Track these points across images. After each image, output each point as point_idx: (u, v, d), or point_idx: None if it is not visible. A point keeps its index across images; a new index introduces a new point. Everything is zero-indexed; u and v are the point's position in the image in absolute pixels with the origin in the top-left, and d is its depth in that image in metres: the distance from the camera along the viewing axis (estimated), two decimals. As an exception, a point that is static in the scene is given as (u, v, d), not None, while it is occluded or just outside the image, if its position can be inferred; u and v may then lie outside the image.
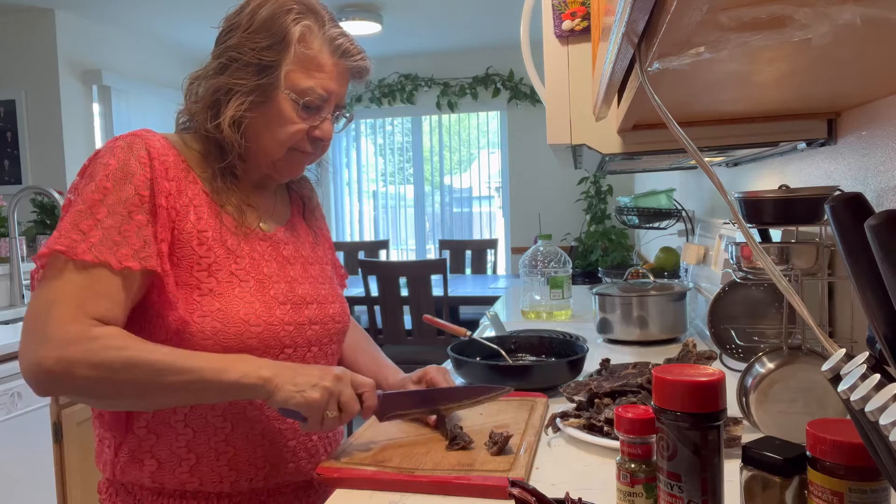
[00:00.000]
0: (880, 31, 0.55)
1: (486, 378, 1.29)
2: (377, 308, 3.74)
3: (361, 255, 4.68)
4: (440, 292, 3.64)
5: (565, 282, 2.16)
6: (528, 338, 1.53)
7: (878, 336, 0.44)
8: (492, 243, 5.09)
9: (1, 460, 2.07)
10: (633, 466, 0.70)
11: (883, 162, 0.97)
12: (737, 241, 1.06)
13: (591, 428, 1.00)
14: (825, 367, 0.49)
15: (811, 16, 0.46)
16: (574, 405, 1.08)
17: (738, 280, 1.10)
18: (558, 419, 1.03)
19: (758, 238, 1.03)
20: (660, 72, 0.60)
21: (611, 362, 1.25)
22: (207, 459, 0.94)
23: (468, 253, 5.05)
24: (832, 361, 0.48)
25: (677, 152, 1.30)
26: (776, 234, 1.13)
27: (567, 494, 0.69)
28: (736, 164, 1.83)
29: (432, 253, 5.60)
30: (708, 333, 1.36)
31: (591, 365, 1.31)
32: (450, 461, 0.91)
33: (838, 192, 0.51)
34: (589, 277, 3.39)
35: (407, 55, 5.30)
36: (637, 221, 2.45)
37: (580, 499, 0.68)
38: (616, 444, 0.76)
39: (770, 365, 0.94)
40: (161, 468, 0.94)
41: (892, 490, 0.53)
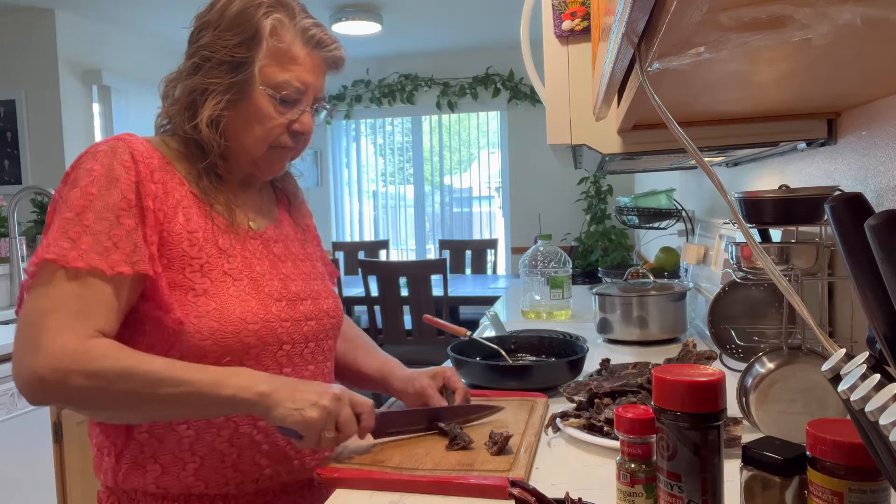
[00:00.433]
0: (880, 31, 0.55)
1: (487, 378, 1.29)
2: (377, 308, 3.74)
3: (361, 255, 4.68)
4: (440, 292, 3.64)
5: (565, 282, 2.16)
6: (528, 338, 1.53)
7: (878, 336, 0.44)
8: (492, 243, 5.09)
9: (1, 460, 2.07)
10: (633, 466, 0.70)
11: (883, 162, 0.97)
12: (737, 241, 1.06)
13: (591, 428, 1.00)
14: (825, 367, 0.49)
15: (811, 16, 0.46)
16: (574, 405, 1.08)
17: (738, 280, 1.10)
18: (558, 419, 1.03)
19: (758, 238, 1.03)
20: (660, 72, 0.60)
21: (611, 362, 1.25)
22: (212, 461, 0.93)
23: (468, 253, 5.05)
24: (832, 361, 0.48)
25: (677, 152, 1.30)
26: (776, 234, 1.13)
27: (567, 494, 0.69)
28: (736, 164, 1.83)
29: (432, 253, 5.60)
30: (708, 333, 1.36)
31: (591, 365, 1.31)
32: (450, 461, 0.91)
33: (838, 192, 0.51)
34: (589, 277, 3.39)
35: (407, 55, 5.30)
36: (637, 221, 2.45)
37: (580, 499, 0.68)
38: (616, 444, 0.76)
39: (770, 365, 0.94)
40: (165, 472, 0.93)
41: (893, 490, 0.53)
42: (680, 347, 1.26)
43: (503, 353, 1.41)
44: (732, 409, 0.86)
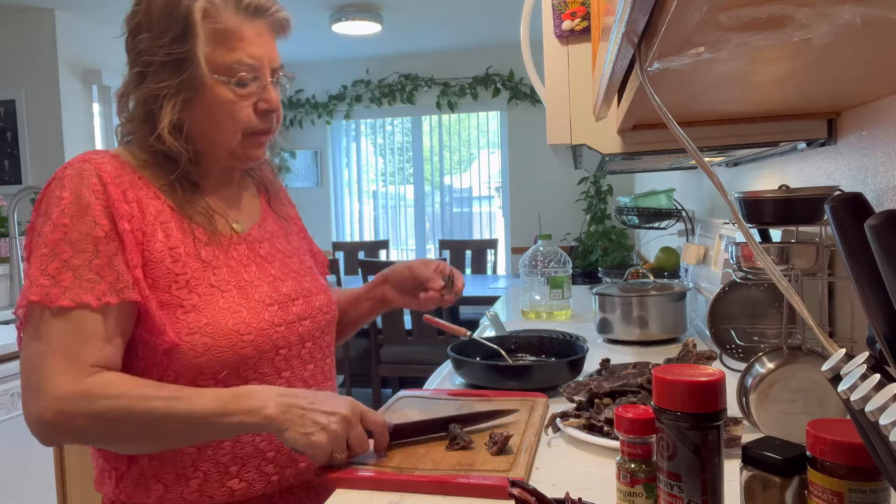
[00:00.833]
0: (880, 31, 0.55)
1: (487, 378, 1.29)
2: (377, 308, 3.73)
3: (361, 255, 4.68)
4: (440, 292, 3.64)
5: (565, 282, 2.16)
6: (528, 338, 1.53)
7: (878, 336, 0.44)
8: (492, 243, 5.09)
9: (1, 460, 2.07)
10: (633, 466, 0.70)
11: (883, 162, 0.97)
12: (737, 241, 1.06)
13: (591, 428, 1.00)
14: (825, 367, 0.49)
15: (811, 16, 0.46)
16: (574, 405, 1.08)
17: (738, 280, 1.09)
18: (558, 419, 1.03)
19: (758, 238, 1.03)
20: (660, 72, 0.60)
21: (611, 362, 1.25)
22: (216, 475, 0.91)
23: (468, 253, 5.05)
24: (832, 361, 0.48)
25: (677, 152, 1.30)
26: (776, 234, 1.13)
27: (567, 494, 0.69)
28: (736, 164, 1.83)
29: (432, 253, 5.60)
30: (708, 333, 1.36)
31: (591, 365, 1.31)
32: (450, 461, 0.91)
33: (838, 192, 0.51)
34: (589, 277, 3.39)
35: (407, 55, 5.30)
36: (637, 221, 2.45)
37: (580, 499, 0.68)
38: (616, 444, 0.76)
39: (770, 365, 0.94)
40: (168, 491, 0.90)
41: (893, 490, 0.53)
42: (680, 347, 1.26)
43: (503, 353, 1.41)
44: (732, 409, 0.86)
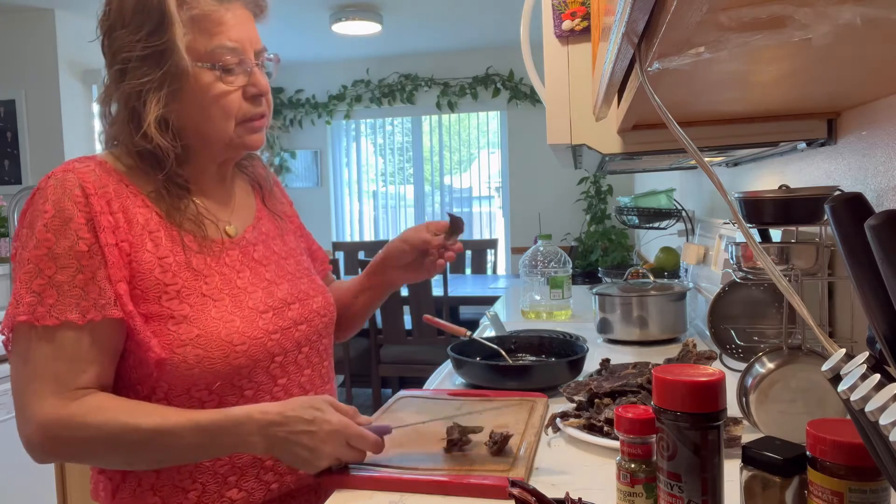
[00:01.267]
0: (880, 31, 0.55)
1: (487, 378, 1.29)
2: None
3: (361, 255, 4.67)
4: (440, 292, 3.64)
5: (565, 282, 2.16)
6: (528, 338, 1.53)
7: (878, 336, 0.44)
8: (492, 243, 5.09)
9: (1, 460, 2.07)
10: (633, 466, 0.70)
11: (883, 162, 0.97)
12: (737, 241, 1.06)
13: (591, 428, 1.00)
14: (825, 367, 0.49)
15: (811, 16, 0.46)
16: (574, 405, 1.08)
17: (738, 280, 1.09)
18: (558, 419, 1.03)
19: (758, 238, 1.03)
20: (660, 72, 0.60)
21: (611, 362, 1.25)
22: (214, 485, 0.90)
23: (468, 253, 5.05)
24: (832, 361, 0.48)
25: (677, 152, 1.30)
26: (776, 234, 1.13)
27: (567, 494, 0.69)
28: (736, 164, 1.83)
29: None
30: (708, 333, 1.36)
31: (591, 365, 1.31)
32: (450, 461, 0.91)
33: (838, 192, 0.51)
34: (589, 277, 3.39)
35: (407, 55, 5.30)
36: (637, 221, 2.45)
37: (580, 499, 0.68)
38: (616, 444, 0.76)
39: (770, 365, 0.94)
40: (166, 503, 0.89)
41: (893, 490, 0.53)
42: (680, 347, 1.26)
43: (503, 353, 1.41)
44: (732, 409, 0.86)
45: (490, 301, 3.31)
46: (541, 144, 3.82)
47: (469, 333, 1.44)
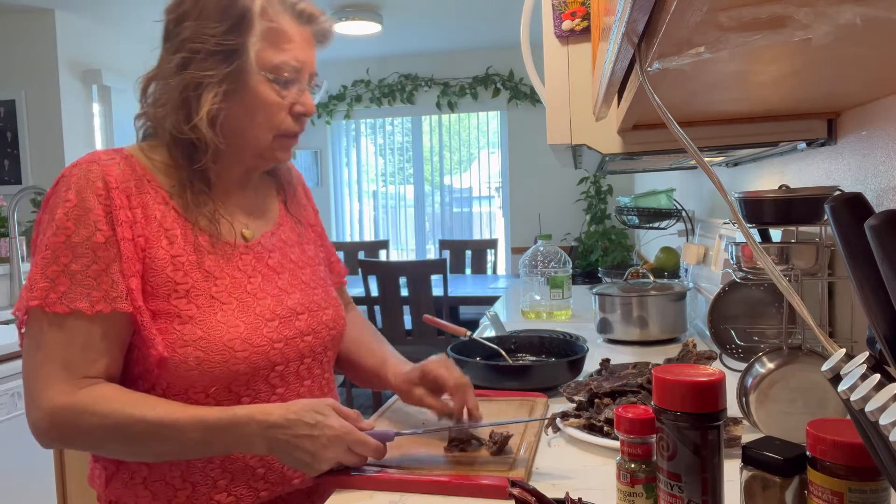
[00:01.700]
0: (880, 31, 0.55)
1: (487, 378, 1.29)
2: (377, 308, 3.74)
3: (361, 255, 4.68)
4: (440, 292, 3.64)
5: (565, 282, 2.16)
6: (528, 338, 1.52)
7: (878, 336, 0.44)
8: (492, 243, 5.09)
9: (1, 460, 2.07)
10: (633, 466, 0.70)
11: (883, 162, 0.97)
12: (737, 241, 1.06)
13: (591, 428, 1.00)
14: (825, 367, 0.49)
15: (811, 16, 0.46)
16: (574, 405, 1.08)
17: (738, 280, 1.09)
18: (558, 419, 1.03)
19: (758, 238, 1.03)
20: (660, 72, 0.60)
21: (611, 362, 1.25)
22: (204, 488, 0.90)
23: (468, 253, 5.05)
24: (832, 361, 0.48)
25: (677, 152, 1.30)
26: (776, 234, 1.13)
27: (567, 494, 0.69)
28: (736, 164, 1.83)
29: (432, 253, 5.60)
30: (708, 333, 1.36)
31: (591, 365, 1.31)
32: (450, 461, 0.91)
33: (838, 192, 0.51)
34: (589, 277, 3.39)
35: (407, 55, 5.30)
36: (637, 221, 2.45)
37: (580, 499, 0.68)
38: (616, 444, 0.76)
39: (770, 365, 0.94)
40: (156, 499, 0.90)
41: (893, 490, 0.53)
42: (680, 347, 1.26)
43: (503, 353, 1.41)
44: (732, 409, 0.86)
45: (490, 301, 3.31)
46: (541, 144, 3.82)
47: (469, 333, 1.44)
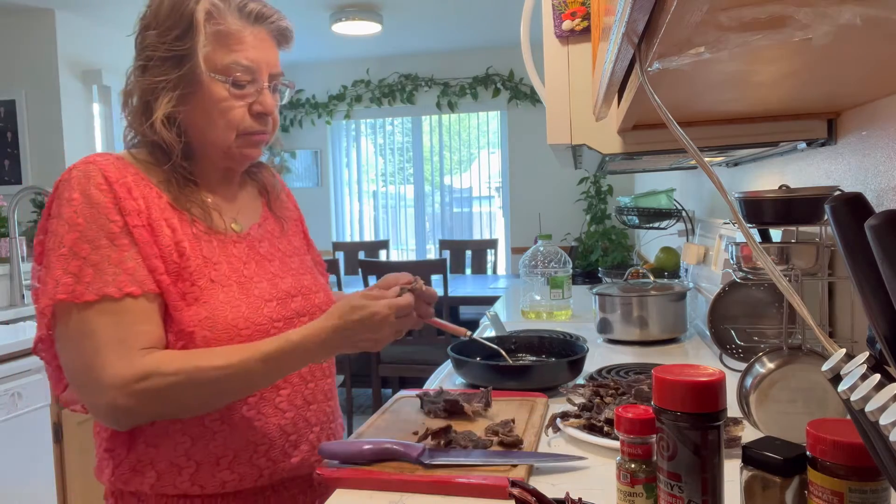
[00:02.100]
0: (880, 31, 0.55)
1: (487, 378, 1.29)
2: (377, 308, 3.73)
3: (361, 255, 4.68)
4: (440, 292, 3.64)
5: (565, 282, 2.16)
6: (528, 338, 1.53)
7: (878, 336, 0.44)
8: (492, 243, 5.09)
9: (1, 460, 2.07)
10: (633, 466, 0.70)
11: (883, 162, 0.97)
12: (737, 241, 1.06)
13: (591, 428, 1.00)
14: (825, 367, 0.49)
15: (811, 16, 0.46)
16: (574, 406, 1.08)
17: (738, 280, 1.09)
18: (558, 419, 1.03)
19: (758, 238, 1.03)
20: (660, 72, 0.60)
21: (610, 363, 1.25)
22: (208, 465, 0.93)
23: (468, 253, 5.05)
24: (832, 361, 0.48)
25: (677, 152, 1.30)
26: (776, 234, 1.13)
27: (567, 494, 0.69)
28: (736, 164, 1.83)
29: (432, 253, 5.60)
30: (708, 333, 1.36)
31: (591, 365, 1.31)
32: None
33: (838, 192, 0.51)
34: (589, 277, 3.39)
35: (407, 55, 5.30)
36: (637, 221, 2.45)
37: (580, 499, 0.68)
38: (616, 444, 0.76)
39: (770, 365, 0.94)
40: (161, 479, 0.93)
41: (893, 490, 0.53)
42: (680, 347, 1.25)
43: (503, 353, 1.41)
44: (732, 409, 0.86)
45: (490, 301, 3.31)
46: (541, 144, 3.82)
47: (469, 333, 1.44)
